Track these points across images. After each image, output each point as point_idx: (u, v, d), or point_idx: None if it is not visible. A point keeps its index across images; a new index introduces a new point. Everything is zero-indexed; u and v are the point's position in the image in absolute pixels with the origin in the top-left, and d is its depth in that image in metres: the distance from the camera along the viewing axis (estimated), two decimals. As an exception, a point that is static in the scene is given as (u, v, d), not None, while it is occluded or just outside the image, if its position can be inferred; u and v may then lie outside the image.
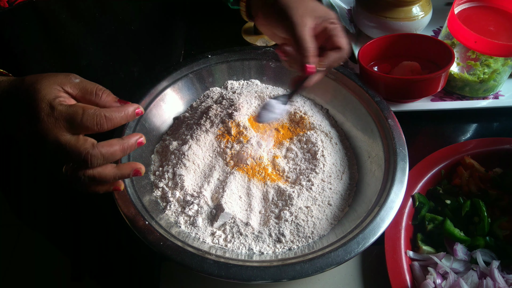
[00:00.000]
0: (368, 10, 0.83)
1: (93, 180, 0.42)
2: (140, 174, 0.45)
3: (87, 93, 0.42)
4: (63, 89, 0.41)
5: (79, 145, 0.40)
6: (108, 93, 0.44)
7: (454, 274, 0.53)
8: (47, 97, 0.40)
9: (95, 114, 0.40)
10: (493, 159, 0.66)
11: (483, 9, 0.76)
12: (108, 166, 0.43)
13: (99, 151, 0.40)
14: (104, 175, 0.42)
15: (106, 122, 0.41)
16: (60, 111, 0.39)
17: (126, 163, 0.45)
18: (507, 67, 0.74)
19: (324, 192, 0.58)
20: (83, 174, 0.41)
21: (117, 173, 0.43)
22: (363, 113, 0.65)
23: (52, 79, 0.41)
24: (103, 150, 0.41)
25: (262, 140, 0.63)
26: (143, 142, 0.45)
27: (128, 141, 0.43)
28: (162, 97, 0.66)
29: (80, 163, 0.40)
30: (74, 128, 0.40)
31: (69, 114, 0.40)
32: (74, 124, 0.40)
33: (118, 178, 0.44)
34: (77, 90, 0.42)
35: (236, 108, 0.65)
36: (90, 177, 0.42)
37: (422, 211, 0.60)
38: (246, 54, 0.72)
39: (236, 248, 0.53)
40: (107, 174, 0.43)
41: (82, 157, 0.40)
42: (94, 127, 0.40)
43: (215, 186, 0.58)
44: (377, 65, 0.79)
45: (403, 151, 0.57)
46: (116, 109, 0.42)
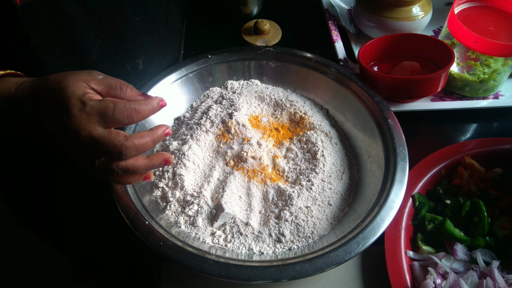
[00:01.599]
0: (368, 10, 0.83)
1: (127, 171, 0.43)
2: (170, 163, 0.47)
3: (112, 88, 0.43)
4: (89, 85, 0.42)
5: (113, 138, 0.40)
6: (132, 88, 0.45)
7: (454, 274, 0.53)
8: (76, 93, 0.40)
9: (125, 108, 0.41)
10: (493, 159, 0.66)
11: (483, 9, 0.76)
12: (140, 157, 0.44)
13: (132, 143, 0.41)
14: (137, 166, 0.43)
15: (136, 115, 0.42)
16: (91, 106, 0.40)
17: (156, 154, 0.46)
18: (507, 67, 0.74)
19: (324, 192, 0.58)
20: (116, 166, 0.42)
21: (149, 164, 0.45)
22: (363, 113, 0.65)
23: (76, 76, 0.42)
24: (135, 142, 0.41)
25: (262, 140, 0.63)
26: (170, 132, 0.46)
27: (157, 132, 0.44)
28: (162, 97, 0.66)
29: (114, 155, 0.41)
30: (106, 122, 0.41)
31: (100, 108, 0.40)
32: (106, 118, 0.40)
33: (149, 169, 0.45)
34: (102, 86, 0.43)
35: (236, 108, 0.65)
36: (124, 169, 0.43)
37: (422, 211, 0.60)
38: (246, 54, 0.72)
39: (236, 248, 0.53)
40: (140, 165, 0.44)
41: (117, 149, 0.41)
42: (125, 120, 0.41)
43: (215, 186, 0.58)
44: (377, 65, 0.79)
45: (403, 151, 0.58)
46: (143, 102, 0.43)
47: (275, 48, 0.72)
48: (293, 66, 0.71)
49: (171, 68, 0.68)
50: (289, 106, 0.67)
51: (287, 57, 0.72)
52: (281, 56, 0.72)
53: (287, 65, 0.72)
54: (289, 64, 0.72)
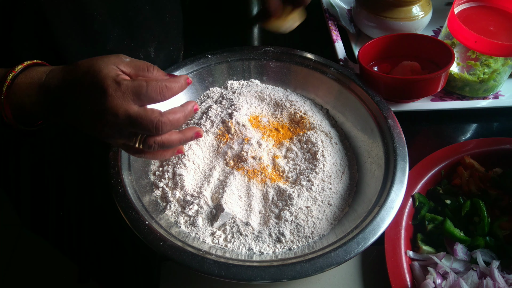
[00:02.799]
0: (368, 10, 0.83)
1: (162, 146, 0.45)
2: (201, 135, 0.50)
3: (140, 69, 0.45)
4: (118, 68, 0.44)
5: (150, 115, 0.42)
6: (158, 69, 0.46)
7: (454, 274, 0.53)
8: (110, 74, 0.42)
9: (157, 85, 0.43)
10: (493, 159, 0.66)
11: (483, 9, 0.76)
12: (174, 132, 0.46)
13: (167, 118, 0.43)
14: (172, 140, 0.46)
15: (167, 91, 0.44)
16: (126, 85, 0.42)
17: (187, 128, 0.48)
18: (507, 67, 0.74)
19: (324, 192, 0.58)
20: (153, 141, 0.44)
21: (182, 137, 0.47)
22: (363, 113, 0.65)
23: (106, 60, 0.44)
24: (170, 117, 0.44)
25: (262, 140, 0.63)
26: (198, 108, 0.49)
27: (187, 108, 0.46)
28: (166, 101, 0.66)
29: (151, 131, 0.43)
30: (141, 100, 0.43)
31: (135, 87, 0.42)
32: (141, 96, 0.42)
33: (182, 142, 0.48)
34: (130, 68, 0.45)
35: (236, 108, 0.65)
36: (160, 144, 0.45)
37: (422, 211, 0.60)
38: (246, 54, 0.72)
39: (236, 248, 0.53)
40: (174, 139, 0.46)
41: (154, 125, 0.43)
42: (158, 96, 0.43)
43: (215, 186, 0.58)
44: (377, 65, 0.79)
45: (403, 151, 0.58)
46: (172, 80, 0.45)
47: (275, 48, 0.72)
48: (293, 66, 0.71)
49: (171, 68, 0.68)
50: (289, 106, 0.67)
51: (287, 57, 0.72)
52: (281, 56, 0.72)
53: (287, 65, 0.72)
54: (289, 64, 0.72)
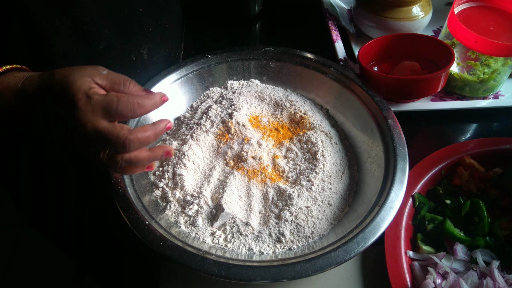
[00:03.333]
0: (368, 10, 0.83)
1: (130, 163, 0.45)
2: (171, 155, 0.49)
3: (116, 83, 0.45)
4: (94, 80, 0.44)
5: (118, 131, 0.42)
6: (135, 83, 0.46)
7: (454, 274, 0.53)
8: (82, 87, 0.42)
9: (128, 102, 0.43)
10: (493, 159, 0.65)
11: (483, 9, 0.76)
12: (143, 150, 0.46)
13: (136, 136, 0.43)
14: (140, 158, 0.45)
15: (138, 109, 0.43)
16: (96, 99, 0.42)
17: (157, 146, 0.48)
18: (507, 67, 0.74)
19: (324, 192, 0.58)
20: (121, 158, 0.44)
21: (151, 156, 0.47)
22: (363, 113, 0.65)
23: (82, 71, 0.43)
24: (139, 135, 0.43)
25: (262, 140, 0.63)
26: (171, 126, 0.48)
27: (159, 126, 0.46)
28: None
29: (119, 148, 0.43)
30: (110, 116, 0.42)
31: (105, 102, 0.42)
32: (111, 111, 0.42)
33: (151, 160, 0.47)
34: (106, 81, 0.45)
35: (236, 108, 0.65)
36: (128, 161, 0.45)
37: (422, 211, 0.60)
38: (246, 54, 0.72)
39: (236, 248, 0.53)
40: (143, 157, 0.46)
41: (121, 142, 0.42)
42: (128, 113, 0.43)
43: (215, 186, 0.58)
44: (377, 65, 0.79)
45: (403, 151, 0.58)
46: (146, 97, 0.44)
47: (275, 48, 0.72)
48: (293, 66, 0.71)
49: (171, 68, 0.68)
50: (289, 106, 0.67)
51: (287, 57, 0.72)
52: (281, 56, 0.72)
53: (287, 65, 0.72)
54: (289, 64, 0.72)
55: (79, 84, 0.42)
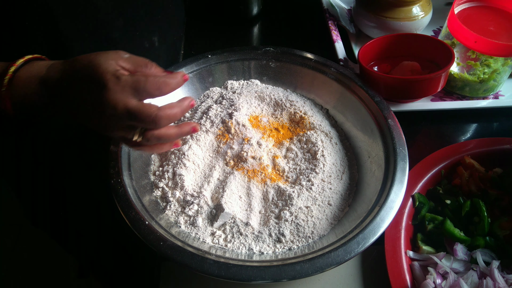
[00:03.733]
0: (368, 10, 0.83)
1: (160, 139, 0.47)
2: (197, 130, 0.51)
3: (139, 65, 0.46)
4: (117, 63, 0.45)
5: (147, 109, 0.44)
6: (156, 65, 0.48)
7: (454, 274, 0.53)
8: (109, 69, 0.43)
9: (155, 81, 0.44)
10: (493, 159, 0.66)
11: (483, 9, 0.76)
12: (171, 127, 0.48)
13: (165, 113, 0.44)
14: (169, 134, 0.47)
15: (165, 87, 0.45)
16: (125, 80, 0.43)
17: (185, 122, 0.50)
18: (507, 67, 0.74)
19: (324, 192, 0.58)
20: (151, 135, 0.46)
21: (179, 131, 0.48)
22: (363, 113, 0.65)
23: (106, 55, 0.45)
24: (168, 111, 0.45)
25: (262, 140, 0.63)
26: (194, 104, 0.50)
27: (184, 103, 0.48)
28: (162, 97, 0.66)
29: (149, 124, 0.44)
30: (140, 94, 0.44)
31: (134, 81, 0.43)
32: (139, 90, 0.43)
33: (179, 136, 0.49)
34: (129, 63, 0.46)
35: (236, 108, 0.65)
36: (158, 137, 0.46)
37: (422, 211, 0.60)
38: (246, 54, 0.72)
39: (236, 248, 0.53)
40: (171, 133, 0.47)
41: (151, 118, 0.44)
42: (156, 91, 0.44)
43: (215, 186, 0.58)
44: (377, 65, 0.79)
45: (403, 151, 0.58)
46: (170, 76, 0.46)
47: (275, 48, 0.72)
48: (293, 66, 0.71)
49: (171, 68, 0.68)
50: (289, 106, 0.67)
51: (287, 57, 0.72)
52: (281, 56, 0.72)
53: (287, 65, 0.72)
54: (289, 64, 0.72)
55: (105, 66, 0.43)
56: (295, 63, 0.71)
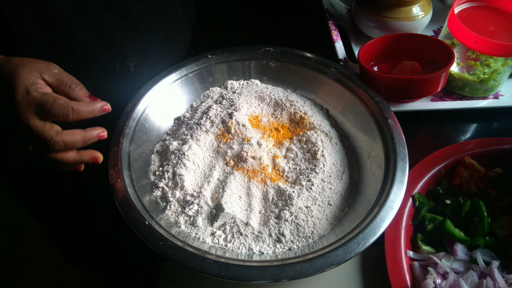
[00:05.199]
0: (368, 10, 0.83)
1: (55, 162, 0.47)
2: (98, 162, 0.50)
3: (62, 84, 0.46)
4: (42, 76, 0.45)
5: (45, 131, 0.44)
6: (81, 87, 0.48)
7: (454, 274, 0.53)
8: (25, 82, 0.44)
9: (63, 105, 0.44)
10: (493, 159, 0.66)
11: (483, 9, 0.76)
12: (70, 152, 0.47)
13: (62, 139, 0.45)
14: (65, 159, 0.47)
15: (72, 114, 0.45)
16: (33, 96, 0.44)
17: (86, 151, 0.49)
18: (507, 67, 0.74)
19: (324, 192, 0.58)
20: (47, 155, 0.46)
21: (77, 158, 0.48)
22: (363, 113, 0.65)
23: (33, 65, 0.45)
24: (65, 138, 0.45)
25: (262, 140, 0.63)
26: (105, 136, 0.49)
27: (90, 133, 0.47)
28: (162, 97, 0.66)
29: (45, 146, 0.45)
30: (43, 114, 0.44)
31: (41, 100, 0.44)
32: (44, 110, 0.44)
33: (78, 163, 0.49)
34: (54, 79, 0.46)
35: (236, 108, 0.65)
36: (53, 160, 0.46)
37: (422, 211, 0.60)
38: (246, 54, 0.72)
39: (236, 248, 0.53)
40: (68, 158, 0.47)
41: (46, 141, 0.44)
42: (61, 116, 0.44)
43: (215, 186, 0.58)
44: (377, 65, 0.79)
45: (403, 151, 0.58)
46: (84, 104, 0.46)
47: (275, 48, 0.72)
48: (293, 66, 0.71)
49: (171, 68, 0.68)
50: (289, 106, 0.67)
51: (287, 57, 0.72)
52: (281, 56, 0.72)
53: (287, 65, 0.72)
54: (289, 64, 0.72)
55: (24, 77, 0.44)
56: (295, 63, 0.71)
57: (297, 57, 0.71)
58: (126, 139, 0.58)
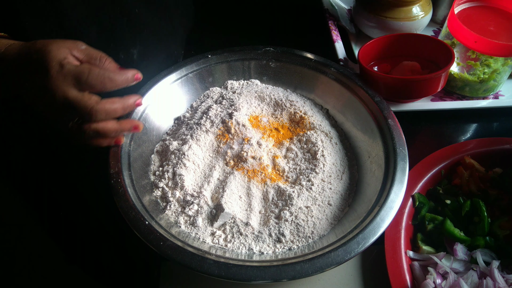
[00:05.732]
0: (368, 10, 0.83)
1: (97, 133, 0.46)
2: (139, 130, 0.51)
3: (92, 58, 0.47)
4: (71, 52, 0.45)
5: (85, 101, 0.44)
6: (111, 61, 0.48)
7: (454, 274, 0.53)
8: (57, 57, 0.44)
9: (100, 74, 0.44)
10: (493, 159, 0.66)
11: (483, 9, 0.76)
12: (111, 121, 0.47)
13: (103, 107, 0.45)
14: (107, 129, 0.47)
15: (108, 82, 0.45)
16: (68, 69, 0.43)
17: (127, 120, 0.49)
18: (507, 67, 0.74)
19: (324, 192, 0.58)
20: (88, 127, 0.46)
21: (118, 128, 0.48)
22: (363, 113, 0.65)
23: (61, 43, 0.45)
24: (106, 106, 0.45)
25: (262, 140, 0.63)
26: (141, 103, 0.50)
27: (128, 100, 0.48)
28: (162, 97, 0.66)
29: (86, 117, 0.44)
30: (81, 85, 0.44)
31: (76, 72, 0.44)
32: (81, 81, 0.44)
33: (119, 133, 0.49)
34: (83, 55, 0.46)
35: (236, 108, 0.65)
36: (94, 131, 0.46)
37: (422, 211, 0.60)
38: (246, 54, 0.72)
39: (236, 248, 0.53)
40: (109, 128, 0.47)
41: (87, 111, 0.44)
42: (98, 85, 0.44)
43: (215, 186, 0.58)
44: (377, 65, 0.79)
45: (403, 151, 0.58)
46: (118, 72, 0.46)
47: (275, 48, 0.72)
48: (293, 66, 0.71)
49: (171, 68, 0.68)
50: (289, 106, 0.67)
51: (287, 57, 0.72)
52: (281, 56, 0.72)
53: (287, 65, 0.72)
54: (289, 64, 0.72)
55: (55, 53, 0.44)
56: (295, 63, 0.71)
57: (297, 57, 0.71)
58: (126, 139, 0.58)
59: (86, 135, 0.46)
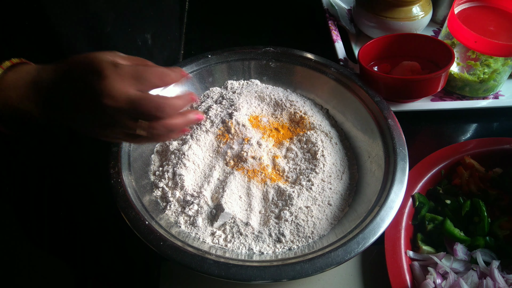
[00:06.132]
0: (368, 10, 0.83)
1: (169, 129, 0.44)
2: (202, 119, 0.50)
3: (135, 60, 0.44)
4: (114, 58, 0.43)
5: (152, 97, 0.41)
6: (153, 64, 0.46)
7: (454, 274, 0.53)
8: (107, 58, 0.41)
9: (157, 70, 0.43)
10: (493, 159, 0.66)
11: (483, 9, 0.76)
12: (176, 115, 0.45)
13: (170, 101, 0.43)
14: (176, 123, 0.45)
15: (166, 77, 0.43)
16: (124, 67, 0.41)
17: (188, 110, 0.47)
18: (507, 67, 0.74)
19: (324, 192, 0.58)
20: (160, 125, 0.43)
21: (185, 120, 0.46)
22: (363, 113, 0.65)
23: (102, 52, 0.42)
24: (172, 101, 0.43)
25: (262, 140, 0.63)
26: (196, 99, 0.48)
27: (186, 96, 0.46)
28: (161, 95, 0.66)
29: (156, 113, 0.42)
30: (140, 83, 0.41)
31: (133, 70, 0.41)
32: (140, 79, 0.41)
33: (186, 124, 0.47)
34: (127, 60, 0.44)
35: (236, 108, 0.65)
36: (167, 127, 0.44)
37: (422, 211, 0.60)
38: (246, 54, 0.72)
39: (236, 248, 0.53)
40: (178, 121, 0.45)
41: (158, 107, 0.41)
42: (158, 81, 0.43)
43: (215, 186, 0.58)
44: (377, 65, 0.79)
45: (403, 151, 0.57)
46: (170, 68, 0.44)
47: (275, 48, 0.72)
48: (293, 66, 0.71)
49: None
50: (289, 106, 0.67)
51: (287, 57, 0.72)
52: (281, 56, 0.72)
53: (287, 65, 0.72)
54: (289, 64, 0.72)
55: (103, 57, 0.41)
56: (295, 63, 0.71)
57: (297, 57, 0.71)
58: (126, 139, 0.58)
59: (160, 133, 0.44)
